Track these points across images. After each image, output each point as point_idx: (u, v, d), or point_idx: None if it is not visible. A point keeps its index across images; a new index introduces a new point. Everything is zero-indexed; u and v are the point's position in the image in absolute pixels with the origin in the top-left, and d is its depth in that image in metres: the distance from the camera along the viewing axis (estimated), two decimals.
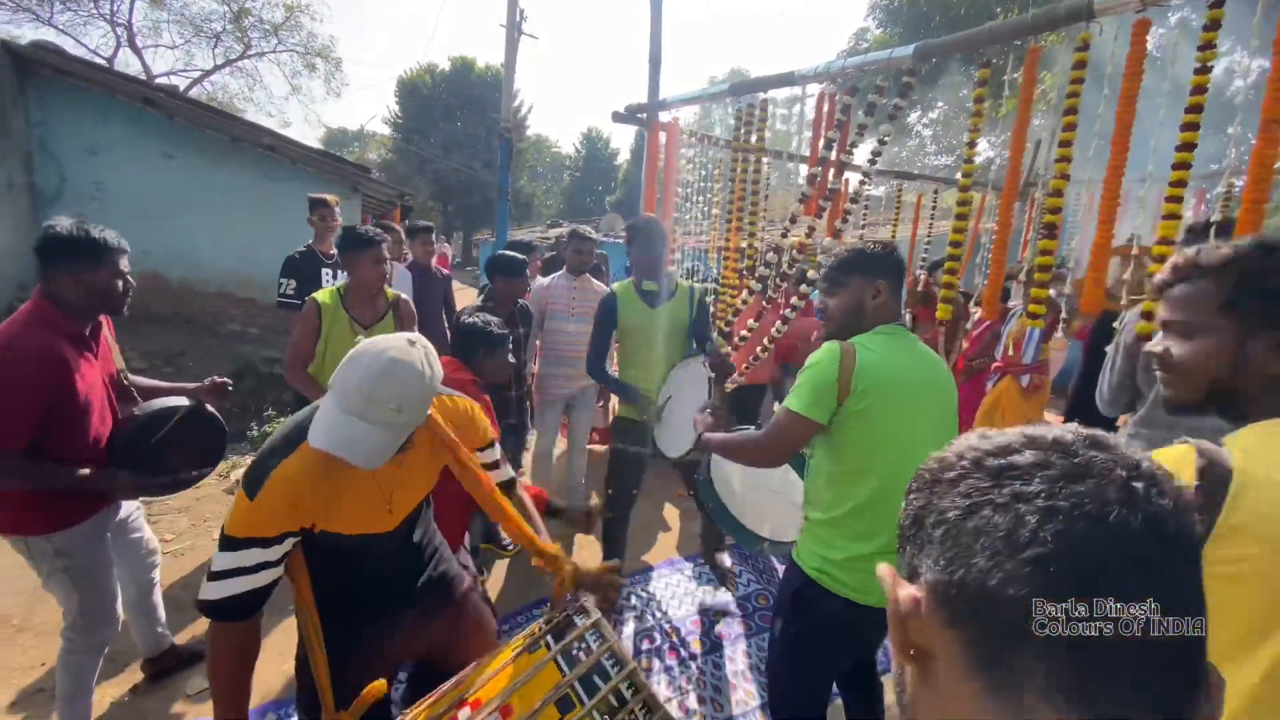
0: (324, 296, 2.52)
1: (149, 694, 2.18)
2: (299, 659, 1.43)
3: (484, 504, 1.45)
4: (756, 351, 3.02)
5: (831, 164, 2.71)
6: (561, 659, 1.21)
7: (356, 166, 7.39)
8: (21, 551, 1.76)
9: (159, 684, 2.21)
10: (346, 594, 1.39)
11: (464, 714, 1.15)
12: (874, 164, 2.66)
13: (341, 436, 1.12)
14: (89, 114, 5.80)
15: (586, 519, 1.82)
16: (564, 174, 39.51)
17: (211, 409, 2.04)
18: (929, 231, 5.48)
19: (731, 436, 1.77)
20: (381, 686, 1.27)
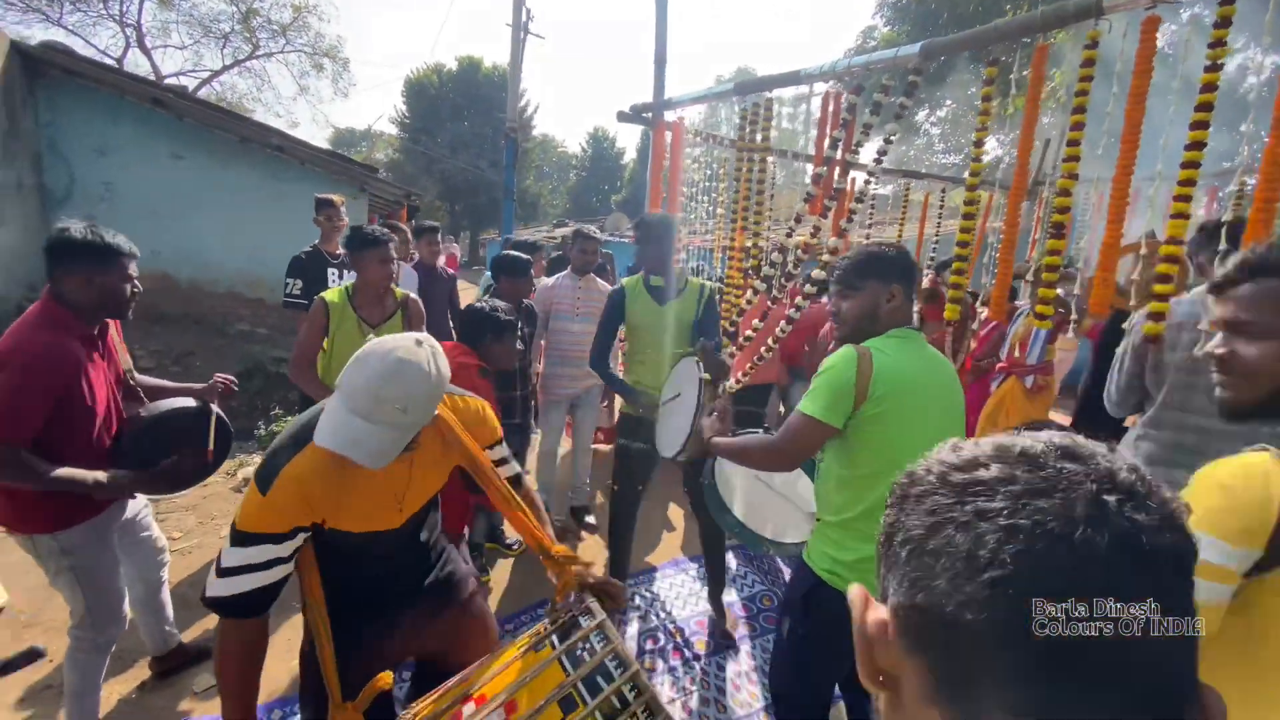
0: (332, 296, 2.54)
1: (156, 691, 2.20)
2: (304, 653, 1.44)
3: (497, 503, 1.45)
4: (761, 351, 3.01)
5: (836, 163, 2.70)
6: (566, 659, 1.22)
7: (364, 166, 7.42)
8: (29, 549, 1.77)
9: (166, 681, 2.23)
10: (352, 591, 1.39)
11: (469, 709, 1.16)
12: (879, 163, 2.64)
13: (347, 436, 1.13)
14: (98, 114, 5.86)
15: (568, 530, 1.82)
16: (570, 173, 39.59)
17: (217, 409, 2.06)
18: (936, 231, 5.45)
19: (742, 441, 1.75)
20: (387, 679, 1.28)
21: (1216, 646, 0.80)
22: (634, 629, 2.69)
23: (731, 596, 2.93)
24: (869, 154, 2.81)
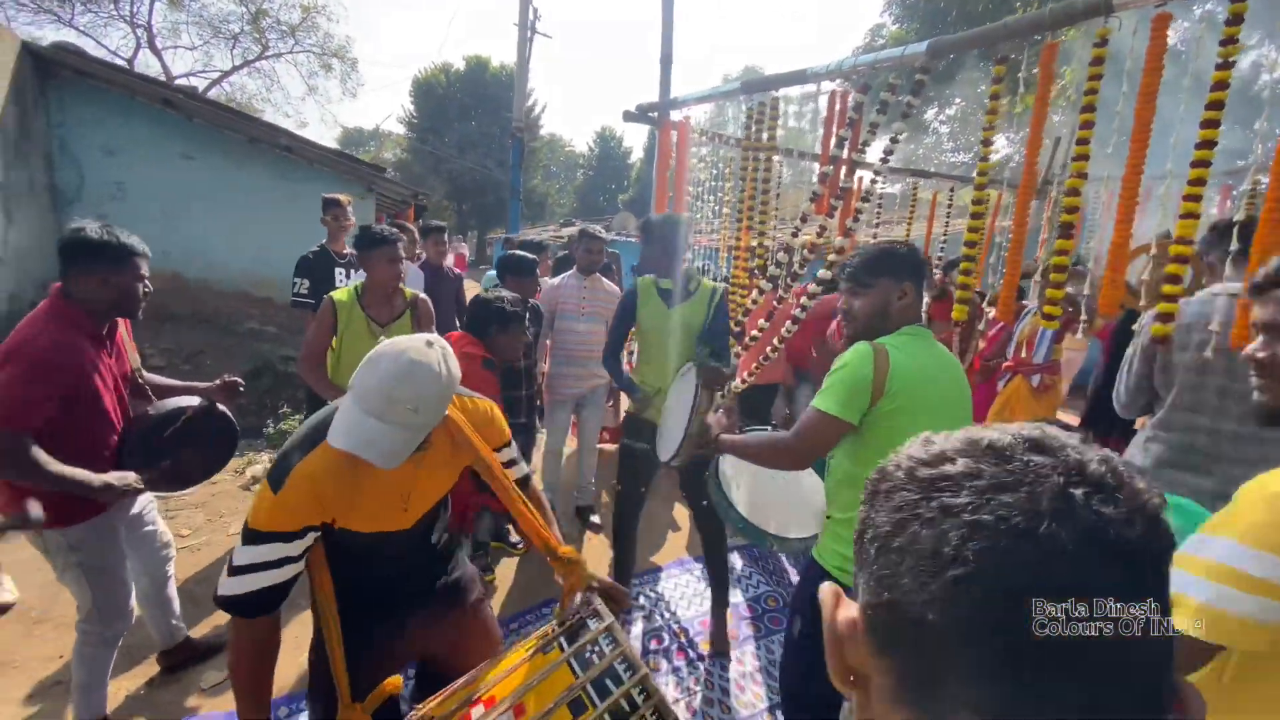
0: (341, 295, 2.55)
1: (164, 686, 2.22)
2: (313, 652, 1.45)
3: (507, 504, 1.46)
4: (766, 351, 3.00)
5: (843, 162, 2.69)
6: (575, 661, 1.22)
7: (372, 166, 7.45)
8: (37, 545, 1.79)
9: (174, 677, 2.25)
10: (363, 591, 1.40)
11: (477, 712, 1.16)
12: (886, 162, 2.63)
13: (360, 436, 1.14)
14: (109, 115, 5.91)
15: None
16: (577, 173, 39.67)
17: (223, 408, 2.07)
18: (945, 230, 5.42)
19: (751, 438, 1.73)
20: (397, 683, 1.30)
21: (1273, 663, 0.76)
22: (638, 629, 2.69)
23: (737, 597, 2.92)
24: (876, 153, 2.80)
